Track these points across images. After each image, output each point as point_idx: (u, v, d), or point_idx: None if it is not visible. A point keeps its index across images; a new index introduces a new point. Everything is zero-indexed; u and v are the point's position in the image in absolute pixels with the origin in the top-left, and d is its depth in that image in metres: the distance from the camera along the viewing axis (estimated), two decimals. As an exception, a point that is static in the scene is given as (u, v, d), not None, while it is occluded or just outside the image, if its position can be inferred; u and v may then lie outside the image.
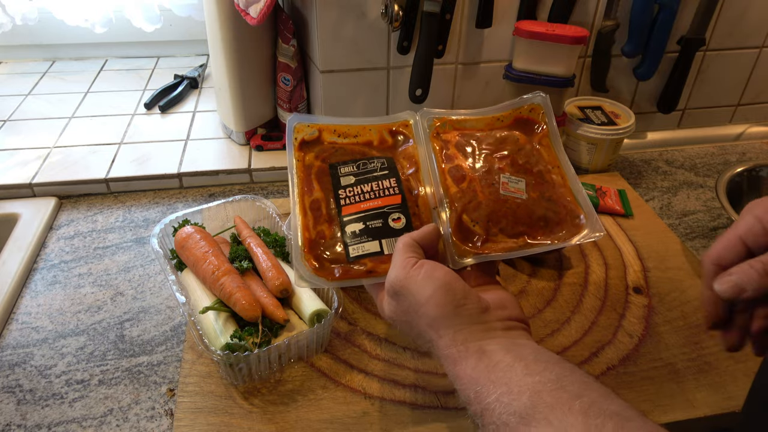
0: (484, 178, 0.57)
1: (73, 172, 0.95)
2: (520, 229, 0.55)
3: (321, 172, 0.59)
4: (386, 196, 0.56)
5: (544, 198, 0.57)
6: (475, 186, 0.57)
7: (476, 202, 0.56)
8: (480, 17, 0.91)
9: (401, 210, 0.55)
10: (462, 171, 0.58)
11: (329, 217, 0.56)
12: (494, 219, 0.55)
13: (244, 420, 0.59)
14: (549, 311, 0.73)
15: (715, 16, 0.99)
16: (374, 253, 0.53)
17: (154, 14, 1.23)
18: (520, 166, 0.59)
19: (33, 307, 0.74)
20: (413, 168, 0.59)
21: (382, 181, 0.57)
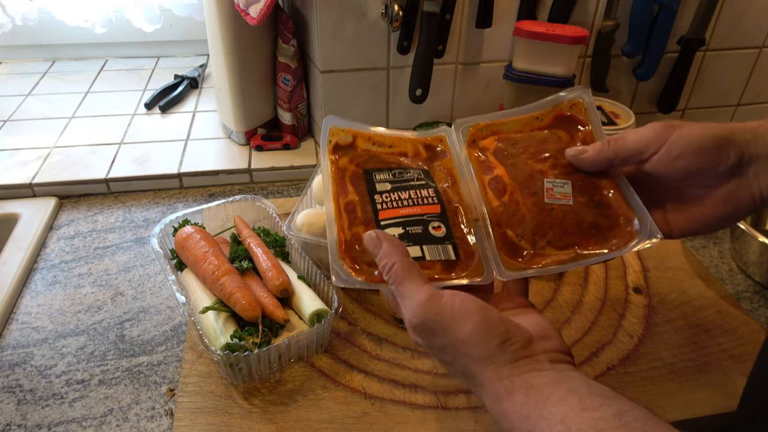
0: (526, 187, 0.54)
1: (74, 172, 0.95)
2: (569, 239, 0.51)
3: (355, 176, 0.56)
4: (424, 205, 0.53)
5: (593, 202, 0.52)
6: (517, 197, 0.54)
7: (519, 215, 0.52)
8: (480, 17, 0.91)
9: (441, 219, 0.52)
10: (502, 183, 0.55)
11: (365, 220, 0.53)
12: (540, 232, 0.51)
13: (244, 420, 0.59)
14: (549, 311, 0.73)
15: (715, 16, 0.99)
16: (415, 258, 0.49)
17: (154, 14, 1.23)
18: (564, 167, 0.54)
19: (33, 307, 0.74)
20: (450, 181, 0.57)
21: (419, 190, 0.55)
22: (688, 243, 0.87)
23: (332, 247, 0.51)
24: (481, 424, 0.60)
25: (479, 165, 0.57)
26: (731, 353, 0.67)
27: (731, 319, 0.72)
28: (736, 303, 0.75)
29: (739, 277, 0.82)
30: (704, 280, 0.78)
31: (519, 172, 0.55)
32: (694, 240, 0.88)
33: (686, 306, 0.74)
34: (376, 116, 0.99)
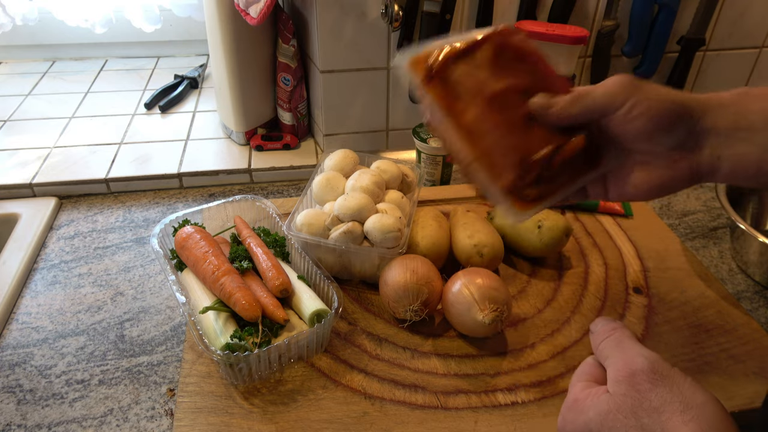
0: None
1: (73, 172, 0.95)
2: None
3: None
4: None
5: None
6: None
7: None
8: (480, 17, 0.91)
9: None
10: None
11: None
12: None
13: (244, 420, 0.59)
14: (549, 311, 0.73)
15: (715, 16, 0.99)
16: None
17: (154, 14, 1.23)
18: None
19: (33, 307, 0.74)
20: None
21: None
22: (688, 243, 0.87)
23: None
24: (481, 424, 0.60)
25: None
26: (731, 353, 0.67)
27: (731, 319, 0.72)
28: (736, 303, 0.75)
29: (739, 277, 0.82)
30: (704, 280, 0.78)
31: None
32: (694, 240, 0.88)
33: (686, 306, 0.74)
34: (376, 116, 0.99)
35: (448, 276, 0.70)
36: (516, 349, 0.68)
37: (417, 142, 0.93)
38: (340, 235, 0.70)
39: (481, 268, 0.70)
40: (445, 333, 0.70)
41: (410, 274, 0.67)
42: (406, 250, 0.71)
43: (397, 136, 1.03)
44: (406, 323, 0.68)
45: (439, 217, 0.79)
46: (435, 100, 0.48)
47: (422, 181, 0.96)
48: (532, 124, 0.48)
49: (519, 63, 0.49)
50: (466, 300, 0.65)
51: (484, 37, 0.49)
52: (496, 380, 0.64)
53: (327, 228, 0.72)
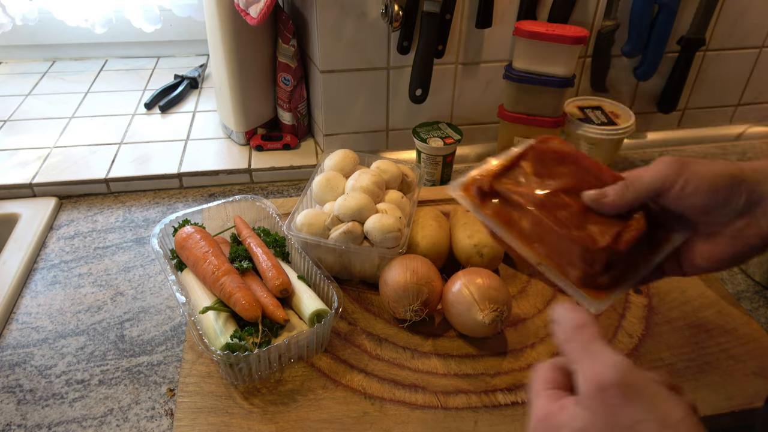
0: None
1: (73, 172, 0.95)
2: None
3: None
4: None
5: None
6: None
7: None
8: (480, 17, 0.91)
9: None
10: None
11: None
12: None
13: (244, 420, 0.59)
14: (549, 311, 0.73)
15: (715, 16, 0.99)
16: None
17: (154, 14, 1.23)
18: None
19: (33, 307, 0.74)
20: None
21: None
22: (688, 243, 0.87)
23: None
24: (481, 424, 0.60)
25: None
26: (731, 353, 0.67)
27: (731, 319, 0.72)
28: (736, 303, 0.75)
29: (739, 277, 0.82)
30: (704, 280, 0.78)
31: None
32: (694, 240, 0.88)
33: (686, 306, 0.74)
34: (376, 116, 0.99)
35: (448, 276, 0.70)
36: (516, 349, 0.68)
37: (417, 142, 0.93)
38: (340, 235, 0.70)
39: (481, 268, 0.70)
40: (445, 333, 0.70)
41: (410, 274, 0.67)
42: (406, 250, 0.71)
43: (397, 136, 1.03)
44: (406, 323, 0.68)
45: (439, 217, 0.79)
46: (491, 217, 0.51)
47: (422, 181, 0.96)
48: (588, 218, 0.49)
49: (561, 165, 0.53)
50: (466, 300, 0.65)
51: (524, 150, 0.54)
52: (496, 380, 0.64)
53: (327, 228, 0.72)
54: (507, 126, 0.94)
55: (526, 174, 0.52)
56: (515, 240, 0.50)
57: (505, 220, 0.51)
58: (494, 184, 0.51)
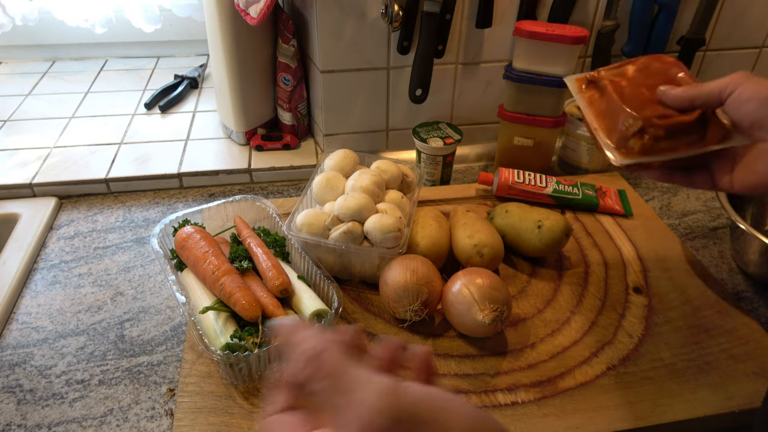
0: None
1: (73, 172, 0.95)
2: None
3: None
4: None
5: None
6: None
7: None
8: (480, 17, 0.91)
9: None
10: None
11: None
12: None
13: (244, 420, 0.59)
14: (549, 311, 0.73)
15: (715, 16, 0.99)
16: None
17: (154, 14, 1.23)
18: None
19: (33, 307, 0.74)
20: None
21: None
22: (688, 243, 0.87)
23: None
24: (481, 424, 0.60)
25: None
26: (731, 353, 0.67)
27: (731, 319, 0.72)
28: (736, 303, 0.75)
29: (739, 277, 0.82)
30: (704, 280, 0.78)
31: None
32: (694, 240, 0.88)
33: (686, 306, 0.74)
34: (376, 116, 0.99)
35: (448, 276, 0.70)
36: (516, 349, 0.68)
37: (417, 142, 0.93)
38: (340, 235, 0.70)
39: (481, 268, 0.70)
40: (445, 333, 0.70)
41: (410, 274, 0.67)
42: (406, 250, 0.71)
43: (397, 136, 1.03)
44: (406, 323, 0.68)
45: (439, 217, 0.79)
46: (583, 96, 0.63)
47: (422, 181, 0.96)
48: (653, 104, 0.57)
49: (658, 72, 0.60)
50: (466, 300, 0.65)
51: (638, 58, 0.63)
52: (496, 380, 0.64)
53: (327, 228, 0.72)
54: (507, 126, 0.94)
55: (625, 73, 0.61)
56: (589, 113, 0.61)
57: (590, 100, 0.62)
58: (598, 74, 0.62)
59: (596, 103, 0.61)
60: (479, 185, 0.93)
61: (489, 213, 0.84)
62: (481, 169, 1.04)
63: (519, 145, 0.95)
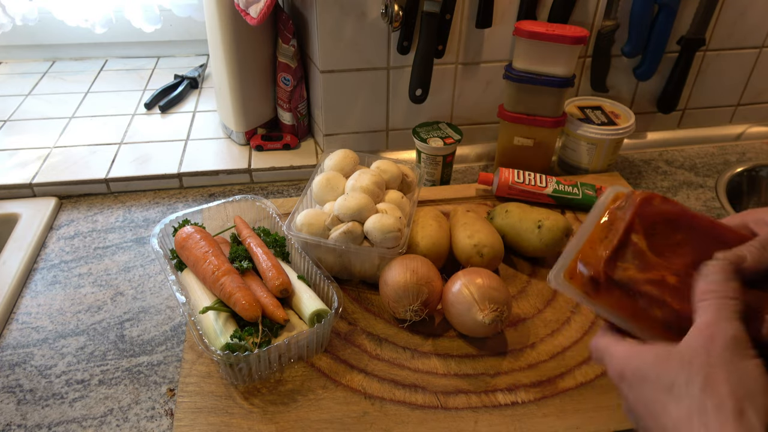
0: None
1: (73, 172, 0.95)
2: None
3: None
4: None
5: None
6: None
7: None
8: (480, 17, 0.91)
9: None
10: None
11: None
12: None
13: (244, 420, 0.59)
14: (549, 311, 0.73)
15: (715, 16, 0.99)
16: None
17: (154, 14, 1.23)
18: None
19: (33, 307, 0.74)
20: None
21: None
22: (688, 243, 0.87)
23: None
24: (481, 424, 0.60)
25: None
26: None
27: (731, 319, 0.72)
28: (736, 303, 0.75)
29: (739, 277, 0.82)
30: (704, 280, 0.78)
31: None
32: (694, 240, 0.88)
33: (686, 306, 0.74)
34: (376, 116, 0.99)
35: (448, 276, 0.70)
36: (516, 349, 0.68)
37: (417, 142, 0.93)
38: (340, 235, 0.70)
39: (481, 268, 0.70)
40: (445, 333, 0.70)
41: (410, 274, 0.67)
42: (406, 250, 0.71)
43: (397, 136, 1.03)
44: (406, 323, 0.68)
45: (439, 217, 0.79)
46: (609, 309, 0.45)
47: (422, 181, 0.96)
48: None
49: (675, 232, 0.46)
50: (466, 300, 0.65)
51: (629, 219, 0.46)
52: (496, 380, 0.64)
53: (327, 228, 0.72)
54: (507, 126, 0.94)
55: (641, 252, 0.45)
56: (644, 332, 0.44)
57: (632, 312, 0.44)
58: (611, 273, 0.44)
59: (644, 313, 0.44)
60: (479, 185, 0.93)
61: (489, 213, 0.84)
62: (481, 169, 1.04)
63: (519, 145, 0.95)
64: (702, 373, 0.38)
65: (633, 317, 0.44)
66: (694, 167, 1.06)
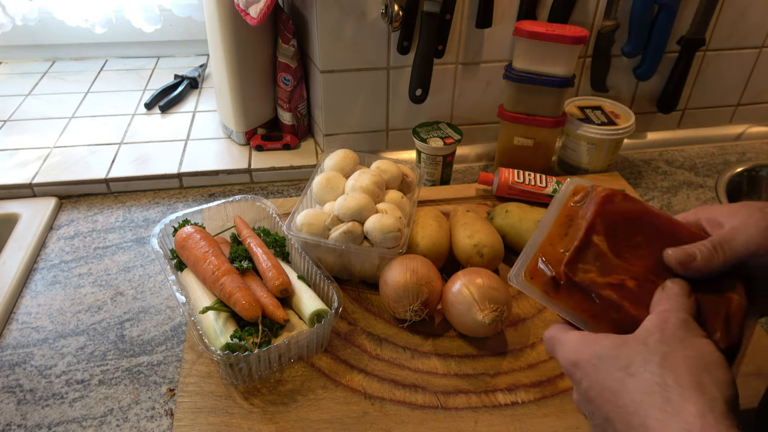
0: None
1: (73, 172, 0.95)
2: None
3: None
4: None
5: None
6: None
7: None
8: (480, 17, 0.91)
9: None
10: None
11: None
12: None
13: (244, 420, 0.59)
14: (549, 311, 0.73)
15: (715, 16, 0.99)
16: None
17: (154, 14, 1.23)
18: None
19: (33, 307, 0.74)
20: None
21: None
22: (688, 243, 0.87)
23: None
24: (481, 424, 0.60)
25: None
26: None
27: (731, 319, 0.72)
28: (736, 303, 0.75)
29: (739, 277, 0.82)
30: (704, 280, 0.78)
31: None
32: (694, 240, 0.88)
33: (686, 306, 0.74)
34: (376, 116, 0.99)
35: (448, 276, 0.70)
36: (516, 349, 0.68)
37: (417, 142, 0.93)
38: (340, 235, 0.70)
39: (481, 268, 0.70)
40: (445, 333, 0.70)
41: (410, 274, 0.67)
42: (406, 250, 0.71)
43: (397, 136, 1.03)
44: (406, 323, 0.68)
45: (439, 217, 0.79)
46: (568, 309, 0.46)
47: (422, 181, 0.96)
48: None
49: (636, 233, 0.47)
50: (466, 300, 0.65)
51: (590, 220, 0.47)
52: (496, 380, 0.64)
53: (327, 228, 0.72)
54: (507, 126, 0.95)
55: (602, 254, 0.46)
56: (604, 331, 0.44)
57: (591, 313, 0.45)
58: (572, 275, 0.45)
59: (603, 315, 0.45)
60: (479, 185, 0.93)
61: (489, 213, 0.84)
62: (481, 169, 1.04)
63: (519, 145, 0.95)
64: (659, 352, 0.39)
65: (592, 318, 0.45)
66: (694, 167, 1.06)
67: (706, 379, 0.37)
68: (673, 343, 0.39)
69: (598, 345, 0.42)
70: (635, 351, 0.40)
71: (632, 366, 0.39)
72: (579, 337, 0.44)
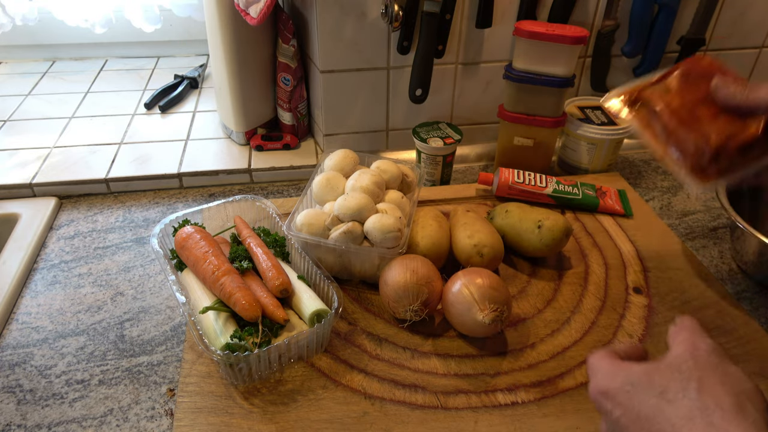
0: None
1: (73, 172, 0.95)
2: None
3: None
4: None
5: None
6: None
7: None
8: (480, 17, 0.91)
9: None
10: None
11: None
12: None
13: (244, 420, 0.59)
14: (549, 311, 0.73)
15: (715, 16, 0.99)
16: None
17: (154, 14, 1.23)
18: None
19: (33, 307, 0.74)
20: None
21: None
22: (688, 243, 0.87)
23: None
24: (481, 424, 0.60)
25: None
26: (731, 353, 0.67)
27: (731, 319, 0.72)
28: (736, 303, 0.75)
29: (739, 277, 0.82)
30: (704, 281, 0.78)
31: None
32: (694, 240, 0.88)
33: (686, 306, 0.74)
34: (376, 116, 0.99)
35: (448, 276, 0.70)
36: (516, 349, 0.68)
37: (417, 142, 0.93)
38: (340, 235, 0.70)
39: (481, 268, 0.70)
40: (445, 333, 0.70)
41: (410, 274, 0.67)
42: (406, 250, 0.72)
43: (397, 136, 1.03)
44: (406, 323, 0.68)
45: (439, 217, 0.79)
46: (635, 120, 0.62)
47: (422, 181, 0.96)
48: (710, 120, 0.58)
49: (703, 80, 0.60)
50: (466, 300, 0.65)
51: (675, 66, 0.62)
52: (496, 380, 0.64)
53: (327, 228, 0.72)
54: (507, 126, 0.95)
55: (670, 87, 0.61)
56: (648, 138, 0.61)
57: (644, 123, 0.61)
58: (641, 94, 0.62)
59: (650, 126, 0.61)
60: (479, 185, 0.93)
61: (489, 213, 0.84)
62: (481, 169, 1.04)
63: (519, 145, 0.95)
64: (695, 377, 0.39)
65: (644, 126, 0.61)
66: (694, 167, 1.06)
67: (746, 403, 0.37)
68: (707, 368, 0.39)
69: (630, 371, 0.42)
70: (670, 378, 0.40)
71: (669, 392, 0.39)
72: (609, 365, 0.44)
